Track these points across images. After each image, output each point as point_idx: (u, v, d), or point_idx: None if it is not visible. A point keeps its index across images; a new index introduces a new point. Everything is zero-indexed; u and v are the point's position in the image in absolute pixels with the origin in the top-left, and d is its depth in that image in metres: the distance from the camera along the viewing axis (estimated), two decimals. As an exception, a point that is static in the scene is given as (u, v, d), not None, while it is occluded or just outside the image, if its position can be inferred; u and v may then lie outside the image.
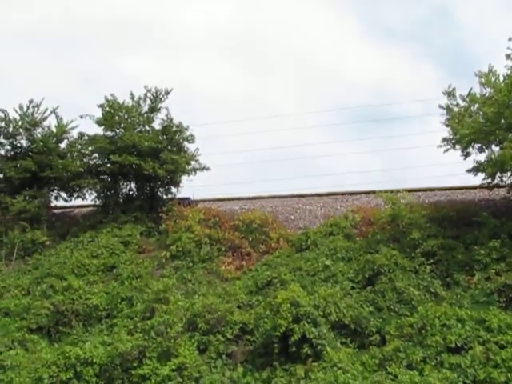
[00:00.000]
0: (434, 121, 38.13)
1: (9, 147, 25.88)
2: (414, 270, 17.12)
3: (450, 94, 19.47)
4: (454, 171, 31.32)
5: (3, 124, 25.31)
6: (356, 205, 22.20)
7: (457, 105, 19.54)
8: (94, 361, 15.24)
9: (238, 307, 17.10)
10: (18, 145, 25.89)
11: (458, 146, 19.28)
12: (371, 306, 16.20)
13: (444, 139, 19.56)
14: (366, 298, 16.49)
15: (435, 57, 66.54)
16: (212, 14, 63.89)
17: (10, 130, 25.44)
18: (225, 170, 27.97)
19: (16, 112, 25.55)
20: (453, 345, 14.06)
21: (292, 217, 22.54)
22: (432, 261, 17.31)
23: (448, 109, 19.60)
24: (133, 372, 15.06)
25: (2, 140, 25.66)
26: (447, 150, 19.63)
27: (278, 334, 14.75)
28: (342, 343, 15.26)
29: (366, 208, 21.51)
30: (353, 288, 16.99)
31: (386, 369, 13.99)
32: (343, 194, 23.90)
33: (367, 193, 23.28)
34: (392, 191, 20.75)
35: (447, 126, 19.53)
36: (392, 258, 17.25)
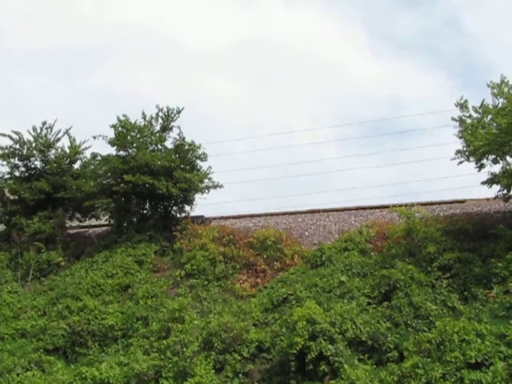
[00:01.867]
0: (447, 132, 38.15)
1: (23, 169, 26.17)
2: (430, 285, 16.93)
3: (463, 106, 19.38)
4: (468, 183, 31.03)
5: (17, 146, 25.58)
6: (370, 219, 22.05)
7: (469, 116, 19.41)
8: (111, 381, 15.22)
9: (254, 325, 16.98)
10: (32, 166, 26.17)
11: (472, 158, 19.15)
12: (388, 321, 16.01)
13: (458, 151, 19.44)
14: (382, 314, 16.29)
15: (447, 67, 66.62)
16: (220, 28, 64.70)
17: (25, 151, 25.71)
18: (238, 187, 28.05)
19: (30, 134, 25.87)
20: (473, 361, 13.79)
21: (306, 233, 22.44)
22: (449, 275, 17.12)
23: (461, 121, 19.48)
24: (149, 392, 15.01)
25: (17, 162, 25.96)
26: (461, 162, 19.50)
27: (295, 351, 14.61)
28: (359, 360, 15.07)
29: (381, 222, 21.36)
30: (369, 304, 16.83)
31: (405, 386, 13.80)
32: (357, 208, 23.81)
33: (381, 207, 23.15)
34: (406, 205, 20.66)
35: (460, 137, 19.41)
36: (408, 273, 17.08)
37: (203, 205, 24.75)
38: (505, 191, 19.02)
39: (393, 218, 21.30)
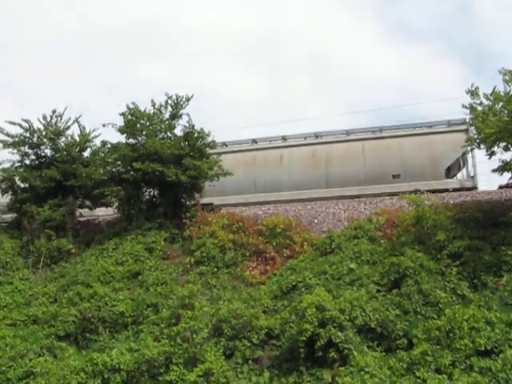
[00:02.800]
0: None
1: (33, 157, 26.28)
2: (440, 272, 16.94)
3: (474, 93, 19.22)
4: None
5: (28, 134, 25.66)
6: (380, 207, 22.02)
7: (480, 103, 19.26)
8: (121, 367, 15.34)
9: (264, 312, 17.06)
10: (43, 154, 26.28)
11: (482, 146, 19.03)
12: (397, 309, 16.04)
13: (468, 139, 19.33)
14: (391, 301, 16.32)
15: (459, 55, 66.14)
16: (227, 18, 64.47)
17: (35, 140, 25.79)
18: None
19: (40, 122, 25.90)
20: (482, 348, 13.86)
21: (315, 220, 22.44)
22: (458, 262, 17.12)
23: (472, 108, 19.34)
24: (160, 378, 15.15)
25: (27, 150, 26.05)
26: (472, 149, 19.39)
27: (304, 338, 14.68)
28: (368, 347, 15.13)
29: (390, 210, 21.33)
30: (378, 291, 16.85)
31: (414, 373, 13.83)
32: (367, 196, 23.79)
33: (391, 195, 23.11)
34: (416, 193, 20.59)
35: (471, 125, 19.29)
36: (417, 260, 17.08)
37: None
38: (516, 179, 18.92)
39: (402, 206, 21.24)
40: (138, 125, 23.90)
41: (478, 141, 18.99)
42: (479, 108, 19.25)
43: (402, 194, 21.09)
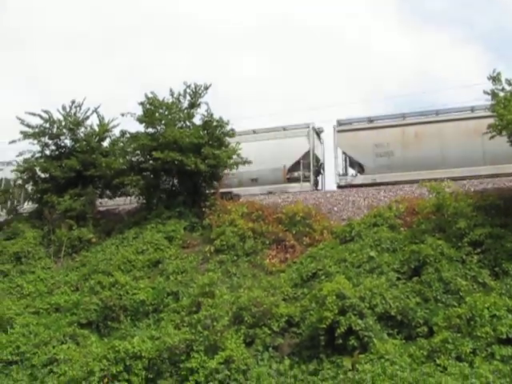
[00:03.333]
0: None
1: (53, 147, 26.55)
2: (460, 260, 16.81)
3: (495, 79, 18.97)
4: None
5: (47, 125, 25.90)
6: (399, 195, 21.91)
7: (502, 89, 19.00)
8: (143, 354, 15.45)
9: (284, 300, 17.10)
10: (62, 145, 26.54)
11: (504, 132, 18.79)
12: (417, 296, 15.97)
13: (490, 125, 19.09)
14: (412, 289, 16.25)
15: (481, 40, 65.18)
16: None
17: (55, 130, 26.02)
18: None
19: (59, 113, 26.11)
20: (504, 336, 13.79)
21: (335, 208, 22.40)
22: (479, 250, 16.96)
23: (493, 94, 19.09)
24: (181, 365, 15.25)
25: (47, 140, 26.29)
26: (493, 136, 19.16)
27: (324, 326, 14.69)
28: (388, 335, 15.12)
29: (410, 198, 21.21)
30: (398, 279, 16.80)
31: (435, 360, 13.80)
32: (386, 184, 23.67)
33: (410, 182, 22.95)
34: (436, 180, 20.43)
35: (493, 111, 19.04)
36: (438, 248, 16.98)
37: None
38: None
39: (422, 194, 21.11)
40: (157, 114, 24.00)
41: (499, 127, 18.74)
42: (501, 94, 19.00)
43: (422, 181, 20.88)
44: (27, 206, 28.22)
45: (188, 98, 24.38)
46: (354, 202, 22.55)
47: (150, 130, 24.20)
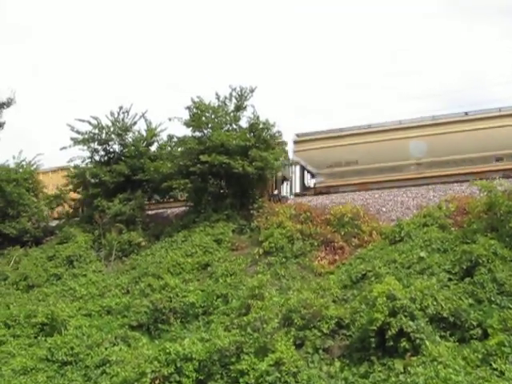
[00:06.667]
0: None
1: (103, 153, 27.11)
2: (515, 261, 16.39)
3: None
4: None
5: (97, 131, 26.43)
6: (449, 194, 21.52)
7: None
8: (194, 356, 15.53)
9: (333, 302, 16.94)
10: (111, 150, 27.05)
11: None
12: (470, 298, 15.58)
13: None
14: (464, 290, 15.87)
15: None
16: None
17: (103, 136, 26.54)
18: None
19: (108, 119, 26.62)
20: None
21: (384, 209, 22.17)
22: (535, 250, 16.51)
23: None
24: (231, 367, 15.26)
25: (96, 146, 26.87)
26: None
27: (375, 328, 14.48)
28: (441, 337, 14.76)
29: (460, 197, 20.78)
30: (450, 280, 16.45)
31: (491, 364, 13.39)
32: (435, 183, 23.27)
33: (461, 181, 22.50)
34: (487, 179, 19.98)
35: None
36: (491, 248, 16.53)
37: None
38: None
39: (472, 193, 20.64)
40: (204, 118, 24.20)
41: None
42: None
43: (473, 180, 20.49)
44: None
45: (234, 100, 24.52)
46: (402, 202, 22.25)
47: (197, 133, 24.44)
